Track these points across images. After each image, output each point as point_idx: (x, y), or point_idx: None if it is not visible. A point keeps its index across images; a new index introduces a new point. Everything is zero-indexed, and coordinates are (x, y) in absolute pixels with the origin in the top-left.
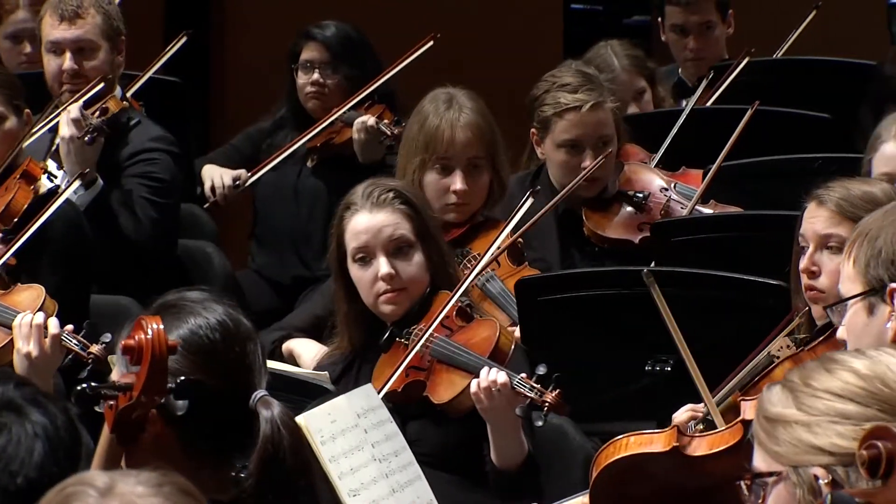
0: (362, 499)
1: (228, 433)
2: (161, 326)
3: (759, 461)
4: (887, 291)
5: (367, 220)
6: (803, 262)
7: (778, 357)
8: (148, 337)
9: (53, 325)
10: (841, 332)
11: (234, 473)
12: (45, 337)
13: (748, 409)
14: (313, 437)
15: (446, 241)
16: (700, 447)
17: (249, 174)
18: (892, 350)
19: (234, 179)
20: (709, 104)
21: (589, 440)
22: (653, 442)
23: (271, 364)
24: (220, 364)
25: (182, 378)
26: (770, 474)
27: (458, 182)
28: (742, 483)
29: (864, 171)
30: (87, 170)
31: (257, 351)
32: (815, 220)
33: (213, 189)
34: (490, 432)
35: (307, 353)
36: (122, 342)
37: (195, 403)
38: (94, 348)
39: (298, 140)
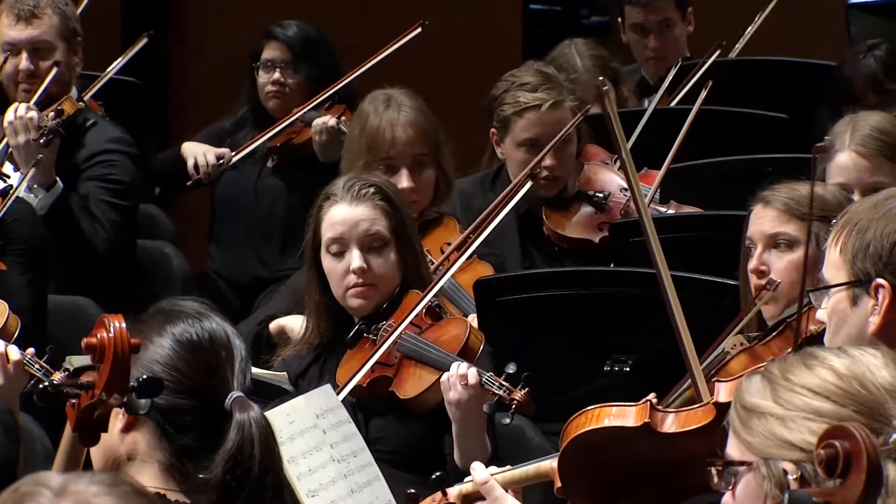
0: (321, 499)
1: (205, 432)
2: (123, 325)
3: (733, 449)
4: (872, 286)
5: (344, 212)
6: (752, 263)
7: (730, 353)
8: (110, 335)
9: (14, 352)
10: (820, 315)
11: (201, 474)
12: (8, 363)
13: (722, 391)
14: None
15: None
16: (671, 424)
17: (233, 153)
18: (874, 350)
19: (218, 157)
20: (673, 104)
21: (548, 440)
22: (624, 415)
23: None
24: (203, 362)
25: (144, 376)
26: (741, 463)
27: (404, 180)
28: (713, 469)
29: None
30: (40, 156)
31: (242, 360)
32: (762, 220)
33: (196, 167)
34: (455, 430)
35: (299, 325)
36: (85, 340)
37: (177, 406)
38: (57, 375)
39: (258, 139)
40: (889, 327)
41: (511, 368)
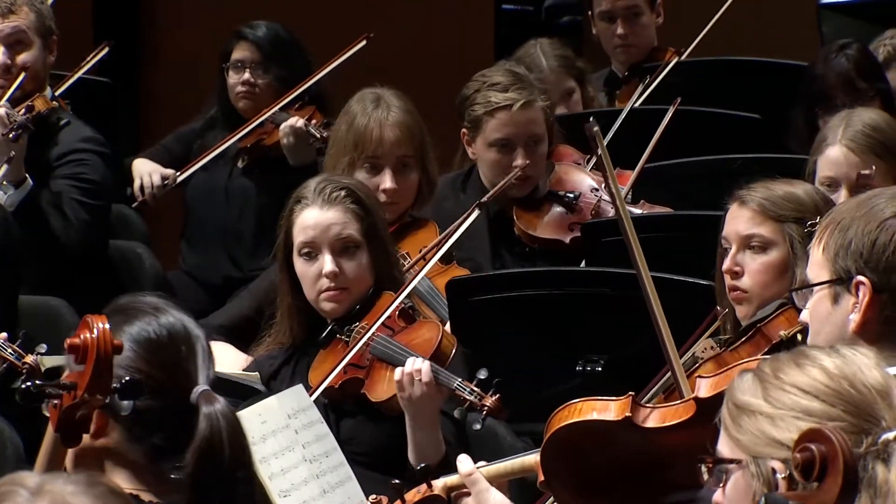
0: (293, 499)
1: (173, 430)
2: (107, 325)
3: (723, 446)
4: (853, 283)
5: (316, 216)
6: (726, 263)
7: (702, 358)
8: (93, 336)
9: None
10: (804, 316)
11: (173, 474)
12: None
13: (703, 387)
14: None
15: None
16: (652, 419)
17: (178, 173)
18: (865, 350)
19: (163, 178)
20: (639, 104)
21: (520, 440)
22: (607, 409)
23: None
24: (164, 359)
25: (127, 378)
26: (731, 461)
27: (387, 181)
28: (703, 466)
29: (808, 171)
30: (12, 153)
31: (203, 352)
32: (737, 220)
33: (141, 188)
34: (408, 425)
35: (224, 359)
36: (68, 340)
37: (141, 400)
38: (29, 358)
39: (228, 139)
40: (869, 325)
41: (482, 374)
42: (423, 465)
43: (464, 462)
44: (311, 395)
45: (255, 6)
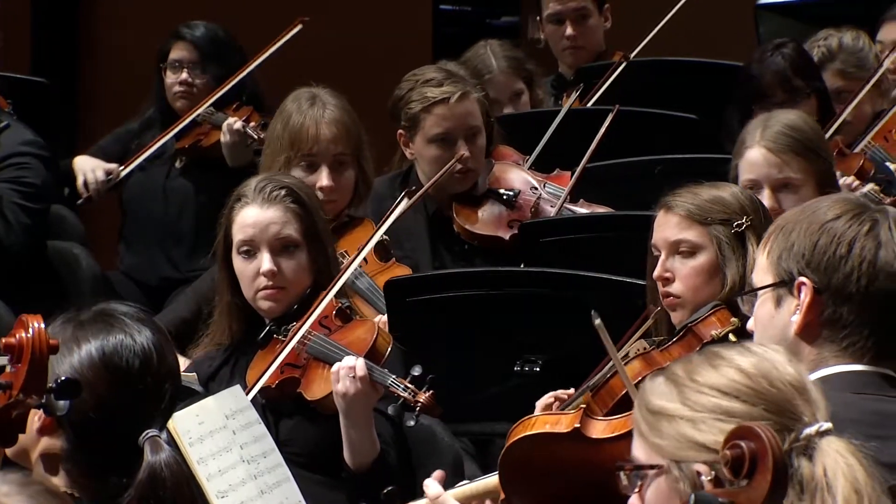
0: (230, 500)
1: (111, 456)
2: (42, 325)
3: (639, 452)
4: (795, 284)
5: (255, 215)
6: (656, 271)
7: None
8: (29, 335)
9: None
10: (750, 324)
11: (112, 490)
12: None
13: None
14: (181, 438)
15: None
16: (600, 430)
17: (122, 167)
18: (776, 347)
19: (107, 174)
20: (589, 105)
21: (458, 440)
22: (558, 422)
23: None
24: (126, 390)
25: (63, 378)
26: (651, 467)
27: (324, 178)
28: (622, 473)
29: (731, 176)
30: None
31: (169, 390)
32: (665, 227)
33: (85, 184)
34: (342, 423)
35: None
36: (3, 340)
37: (87, 415)
38: None
39: (165, 135)
40: (811, 326)
41: (416, 371)
42: (388, 489)
43: (431, 486)
44: (247, 395)
45: (193, 5)
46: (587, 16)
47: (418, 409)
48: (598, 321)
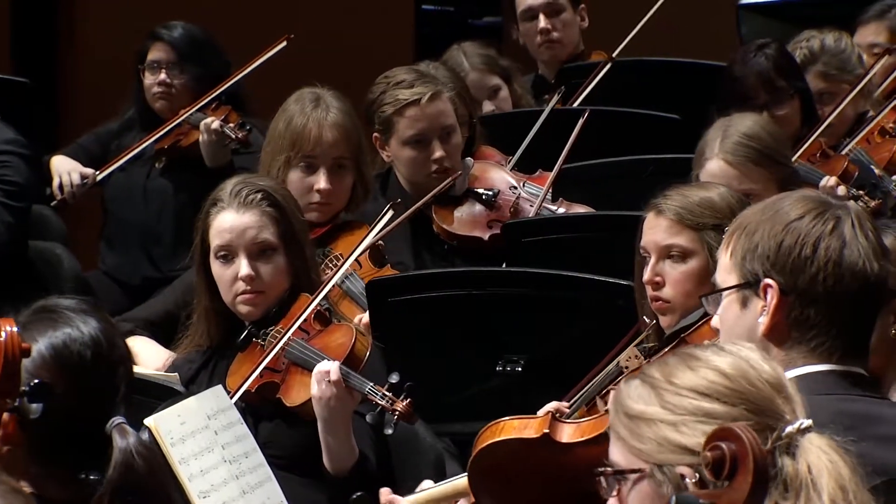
0: (213, 500)
1: (80, 450)
2: (14, 329)
3: (618, 455)
4: (761, 286)
5: (232, 220)
6: (647, 275)
7: (627, 367)
8: (1, 339)
9: None
10: (715, 322)
11: (85, 486)
12: None
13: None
14: (163, 438)
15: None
16: (570, 434)
17: (98, 171)
18: (750, 345)
19: (83, 177)
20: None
21: (440, 440)
22: (527, 427)
23: None
24: (83, 382)
25: (36, 381)
26: (633, 471)
27: (322, 181)
28: (602, 478)
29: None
30: None
31: (124, 376)
32: (655, 230)
33: (60, 187)
34: (320, 428)
35: (146, 356)
36: None
37: (50, 415)
38: None
39: (146, 140)
40: (778, 328)
41: (394, 378)
42: (357, 495)
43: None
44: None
45: (173, 6)
46: (560, 10)
47: (396, 417)
48: None
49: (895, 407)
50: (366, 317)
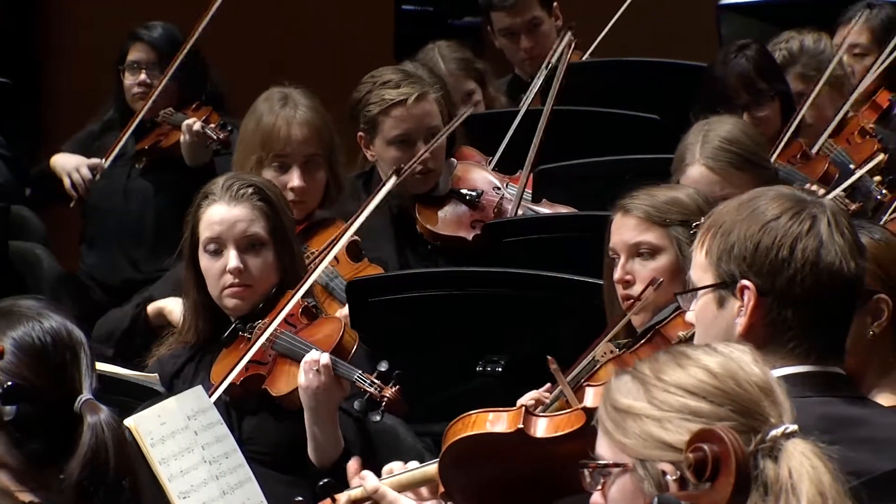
0: (192, 501)
1: (54, 436)
2: None
3: (604, 449)
4: (738, 287)
5: (222, 213)
6: (617, 273)
7: (600, 361)
8: None
9: None
10: (689, 317)
11: (60, 476)
12: None
13: (591, 396)
14: (143, 439)
15: None
16: (543, 429)
17: (103, 160)
18: (741, 347)
19: (92, 169)
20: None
21: (421, 440)
22: (499, 421)
23: (100, 366)
24: (48, 366)
25: (10, 383)
26: (616, 465)
27: (295, 179)
28: (586, 471)
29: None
30: None
31: (87, 358)
32: (623, 229)
33: (73, 186)
34: (307, 419)
35: (178, 308)
36: None
37: (22, 405)
38: None
39: (123, 134)
40: (755, 329)
41: (383, 366)
42: (325, 480)
43: (368, 478)
44: (213, 393)
45: (154, 6)
46: (539, 23)
47: (384, 403)
48: (554, 366)
49: (874, 407)
50: (345, 310)
